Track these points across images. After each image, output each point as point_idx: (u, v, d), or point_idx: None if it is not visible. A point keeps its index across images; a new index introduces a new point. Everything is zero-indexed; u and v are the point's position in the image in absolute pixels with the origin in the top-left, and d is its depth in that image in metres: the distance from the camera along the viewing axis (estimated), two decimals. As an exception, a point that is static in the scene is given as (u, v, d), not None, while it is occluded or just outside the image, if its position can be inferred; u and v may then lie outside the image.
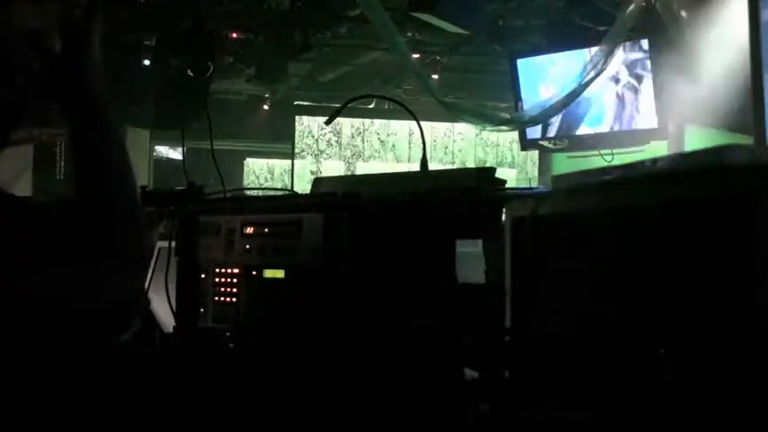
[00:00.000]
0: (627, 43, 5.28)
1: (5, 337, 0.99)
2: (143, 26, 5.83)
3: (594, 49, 5.15)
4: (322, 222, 1.80)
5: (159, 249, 2.21)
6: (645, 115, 5.47)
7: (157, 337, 2.04)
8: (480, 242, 1.64)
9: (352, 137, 8.38)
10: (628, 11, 4.76)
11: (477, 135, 8.47)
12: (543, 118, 5.70)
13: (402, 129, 8.33)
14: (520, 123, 5.94)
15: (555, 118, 5.80)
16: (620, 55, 5.35)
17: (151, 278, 1.98)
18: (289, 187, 7.78)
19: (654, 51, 5.29)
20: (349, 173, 8.10)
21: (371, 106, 8.02)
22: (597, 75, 5.20)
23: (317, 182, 2.32)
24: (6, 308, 0.98)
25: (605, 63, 5.14)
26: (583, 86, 5.22)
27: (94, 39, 1.15)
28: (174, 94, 5.50)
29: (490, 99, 7.51)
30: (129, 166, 1.15)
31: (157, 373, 1.57)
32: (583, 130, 5.82)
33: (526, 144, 6.23)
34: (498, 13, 5.82)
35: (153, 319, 2.08)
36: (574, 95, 5.31)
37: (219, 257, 1.96)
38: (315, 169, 8.28)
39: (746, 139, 4.58)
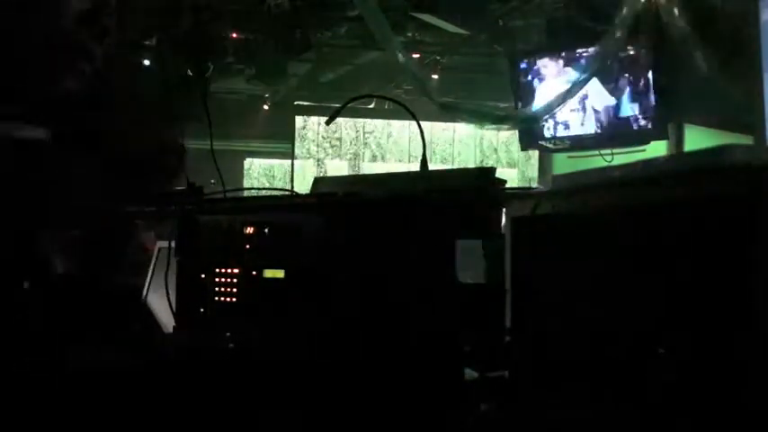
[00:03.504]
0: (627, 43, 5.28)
1: None
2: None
3: (593, 49, 5.16)
4: (322, 222, 1.80)
5: (159, 249, 2.21)
6: (644, 115, 5.47)
7: (157, 337, 2.04)
8: (480, 242, 1.63)
9: (355, 137, 8.37)
10: (627, 11, 4.77)
11: (479, 138, 8.46)
12: (540, 115, 5.70)
13: (402, 129, 8.32)
14: (517, 121, 5.95)
15: (554, 118, 5.80)
16: (620, 55, 5.34)
17: (151, 278, 1.97)
18: (289, 187, 7.77)
19: (654, 51, 5.29)
20: (350, 173, 8.10)
21: (371, 106, 8.02)
22: (594, 73, 5.20)
23: (317, 182, 2.31)
24: None
25: (603, 63, 5.15)
26: (580, 84, 5.23)
27: None
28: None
29: (490, 99, 7.51)
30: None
31: (157, 373, 1.57)
32: (582, 129, 5.82)
33: (526, 144, 6.22)
34: (498, 13, 5.82)
35: (153, 319, 2.08)
36: (571, 94, 5.31)
37: (219, 257, 1.95)
38: (316, 171, 8.28)
39: (746, 139, 4.59)
